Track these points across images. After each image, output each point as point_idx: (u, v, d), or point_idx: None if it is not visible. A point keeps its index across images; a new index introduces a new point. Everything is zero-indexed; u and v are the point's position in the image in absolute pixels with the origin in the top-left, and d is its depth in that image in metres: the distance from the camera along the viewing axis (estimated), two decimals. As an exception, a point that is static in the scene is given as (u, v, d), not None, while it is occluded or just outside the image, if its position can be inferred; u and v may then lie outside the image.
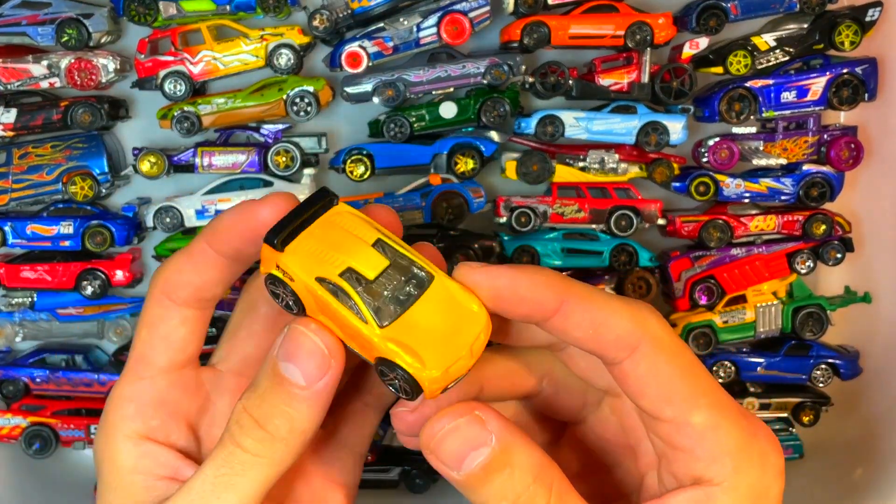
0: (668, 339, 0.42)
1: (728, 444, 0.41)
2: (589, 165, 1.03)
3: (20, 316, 1.05)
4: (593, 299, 0.41)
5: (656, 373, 0.41)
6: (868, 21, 0.98)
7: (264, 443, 0.42)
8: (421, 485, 1.02)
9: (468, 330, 0.41)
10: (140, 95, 1.04)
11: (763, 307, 1.04)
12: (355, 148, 1.01)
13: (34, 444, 1.03)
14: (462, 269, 0.42)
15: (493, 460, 0.40)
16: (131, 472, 0.46)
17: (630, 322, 0.41)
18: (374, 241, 0.42)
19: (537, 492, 0.40)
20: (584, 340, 0.41)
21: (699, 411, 0.41)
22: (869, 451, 0.99)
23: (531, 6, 0.98)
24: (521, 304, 0.41)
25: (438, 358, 0.40)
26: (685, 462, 0.42)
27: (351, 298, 0.40)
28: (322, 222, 0.42)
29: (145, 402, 0.47)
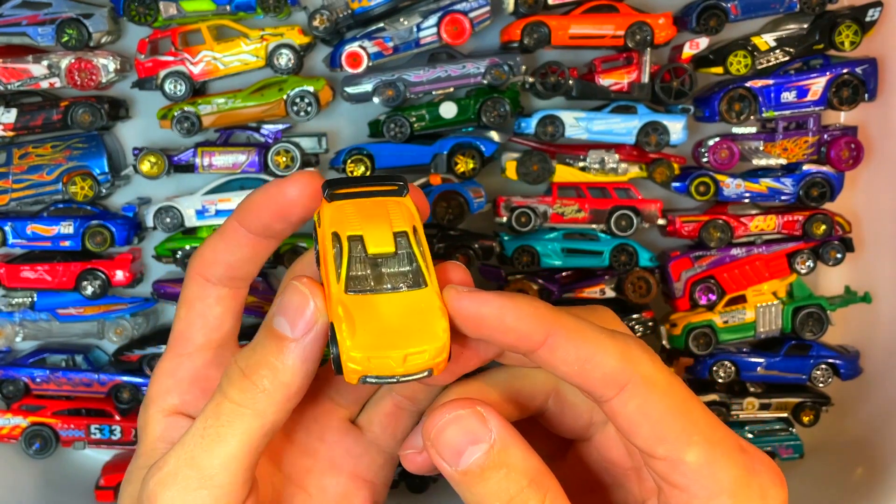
0: (658, 376, 0.41)
1: (725, 481, 0.40)
2: (589, 165, 1.03)
3: (20, 316, 1.05)
4: (581, 334, 0.40)
5: (646, 411, 0.40)
6: (868, 21, 0.98)
7: (248, 392, 0.42)
8: (421, 485, 1.02)
9: (418, 342, 0.40)
10: (140, 95, 1.04)
11: (763, 307, 1.04)
12: (355, 148, 1.01)
13: (34, 444, 1.03)
14: (450, 292, 0.41)
15: (490, 458, 0.39)
16: (158, 440, 0.49)
17: (618, 360, 0.40)
18: (399, 231, 0.42)
19: (531, 496, 0.40)
20: (570, 375, 0.40)
21: (693, 449, 0.40)
22: (869, 451, 0.99)
23: (531, 6, 0.98)
24: (506, 334, 0.40)
25: (370, 344, 0.39)
26: (682, 499, 0.41)
27: (341, 257, 0.41)
28: (375, 199, 0.43)
29: (182, 377, 0.49)
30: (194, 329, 0.49)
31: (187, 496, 0.42)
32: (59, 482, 1.04)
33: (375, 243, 0.42)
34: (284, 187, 0.45)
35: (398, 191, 0.44)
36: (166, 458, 0.44)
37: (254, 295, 1.04)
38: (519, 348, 0.41)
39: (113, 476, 1.00)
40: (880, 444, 0.98)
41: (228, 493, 0.43)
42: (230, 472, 0.43)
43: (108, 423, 1.04)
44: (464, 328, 0.42)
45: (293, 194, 0.45)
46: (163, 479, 0.43)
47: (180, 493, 0.43)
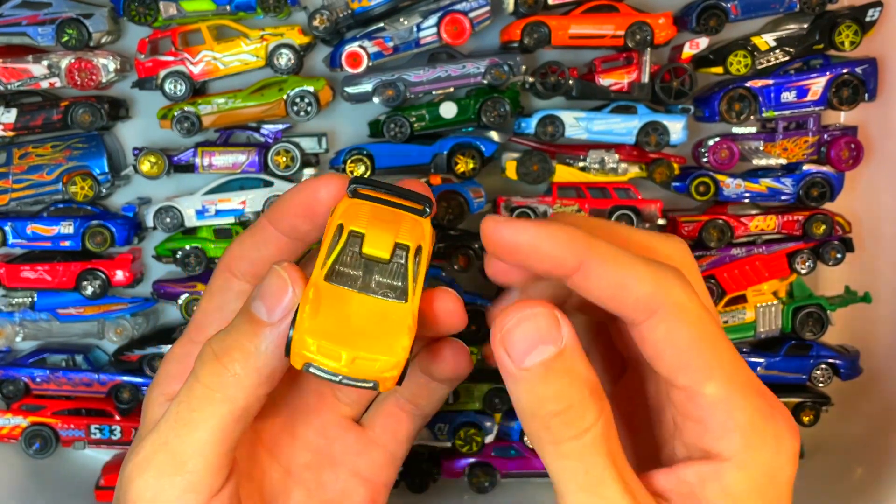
0: (690, 305, 0.41)
1: (740, 419, 0.40)
2: (589, 165, 1.03)
3: (20, 316, 1.05)
4: (615, 260, 0.41)
5: (673, 339, 0.40)
6: (868, 21, 0.98)
7: (218, 376, 0.42)
8: (421, 485, 1.02)
9: (372, 349, 0.40)
10: (140, 95, 1.04)
11: (763, 307, 1.04)
12: (355, 148, 1.01)
13: (34, 444, 1.03)
14: (488, 221, 0.42)
15: (558, 361, 0.39)
16: (153, 423, 0.48)
17: (652, 286, 0.40)
18: (402, 244, 0.42)
19: (590, 406, 0.39)
20: (604, 300, 0.41)
21: (713, 382, 0.40)
22: (869, 451, 0.99)
23: (531, 6, 0.98)
24: (542, 260, 0.41)
25: (325, 332, 0.39)
26: (696, 433, 0.41)
27: (335, 247, 0.41)
28: (395, 210, 0.43)
29: (189, 364, 0.49)
30: (211, 319, 0.49)
31: (160, 482, 0.42)
32: (59, 482, 1.04)
33: (373, 245, 0.42)
34: (315, 187, 0.45)
35: (420, 211, 0.44)
36: (143, 442, 0.44)
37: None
38: (554, 273, 0.41)
39: (113, 476, 1.00)
40: (880, 444, 0.98)
41: (202, 480, 0.43)
42: (203, 458, 0.42)
43: (108, 423, 1.04)
44: (501, 256, 0.42)
45: (323, 195, 0.45)
46: (138, 464, 0.43)
47: (154, 478, 0.43)
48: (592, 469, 0.39)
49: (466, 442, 1.02)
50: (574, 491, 0.39)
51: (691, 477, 0.41)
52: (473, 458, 1.03)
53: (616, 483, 0.39)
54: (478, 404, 1.02)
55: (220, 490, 0.44)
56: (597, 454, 0.39)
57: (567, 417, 0.39)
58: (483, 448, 1.03)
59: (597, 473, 0.39)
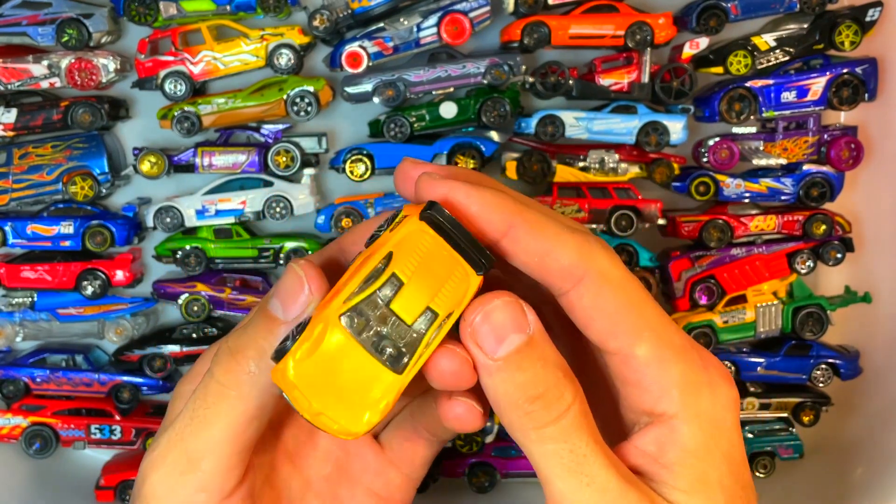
0: (613, 272, 0.42)
1: (674, 375, 0.41)
2: (589, 165, 1.03)
3: (20, 316, 1.05)
4: (542, 227, 0.41)
5: (600, 305, 0.41)
6: (868, 21, 0.98)
7: (232, 374, 0.42)
8: (421, 485, 1.02)
9: (338, 413, 0.39)
10: (140, 95, 1.04)
11: (763, 307, 1.04)
12: (355, 148, 1.01)
13: (34, 444, 1.03)
14: (423, 178, 0.42)
15: (529, 348, 0.40)
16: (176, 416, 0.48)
17: (576, 253, 0.41)
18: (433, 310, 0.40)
19: (566, 387, 0.40)
20: (531, 267, 0.42)
21: (643, 344, 0.41)
22: (869, 451, 0.99)
23: (531, 6, 0.98)
24: (473, 221, 0.41)
25: (306, 377, 0.39)
26: (636, 396, 0.42)
27: (371, 283, 0.40)
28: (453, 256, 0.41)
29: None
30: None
31: (174, 479, 0.42)
32: (59, 482, 1.04)
33: (405, 304, 0.40)
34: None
35: (476, 267, 0.41)
36: (159, 439, 0.44)
37: (252, 295, 1.04)
38: (485, 236, 0.42)
39: (113, 476, 1.00)
40: (880, 444, 0.98)
41: (214, 479, 0.43)
42: (216, 457, 0.42)
43: (108, 423, 1.04)
44: None
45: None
46: (153, 461, 0.43)
47: (167, 475, 0.43)
48: (577, 448, 0.40)
49: (466, 442, 1.02)
50: (560, 474, 0.40)
51: (649, 445, 0.42)
52: (473, 458, 1.03)
53: (600, 458, 0.40)
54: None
55: (233, 492, 0.44)
56: (579, 432, 0.40)
57: (546, 401, 0.40)
58: (483, 448, 1.03)
59: (581, 451, 0.40)
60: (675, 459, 0.41)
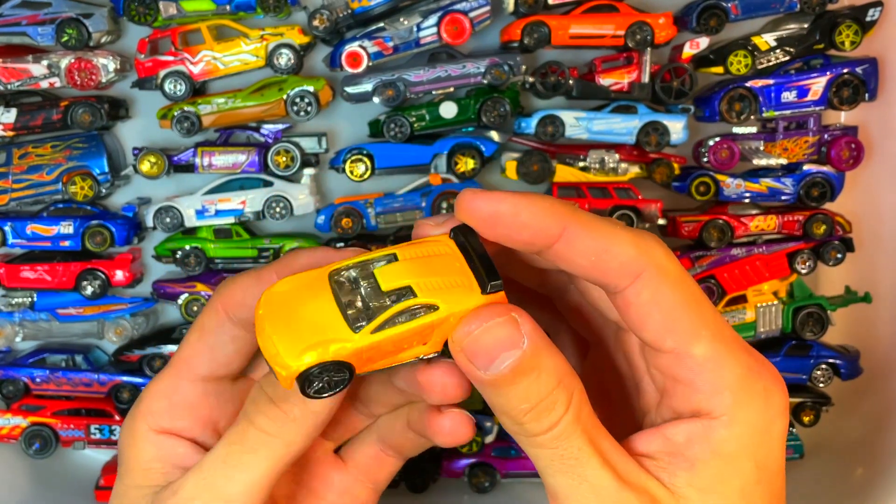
0: (672, 267, 0.41)
1: (729, 377, 0.40)
2: (589, 165, 1.03)
3: (20, 316, 1.04)
4: (596, 226, 0.41)
5: (659, 301, 0.40)
6: (868, 21, 0.98)
7: (278, 421, 0.42)
8: (421, 485, 1.02)
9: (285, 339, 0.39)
10: (140, 95, 1.03)
11: (763, 307, 1.04)
12: (355, 148, 1.01)
13: (34, 444, 1.03)
14: (465, 194, 0.41)
15: (522, 362, 0.39)
16: (151, 459, 0.47)
17: (634, 249, 0.40)
18: (413, 291, 0.40)
19: (559, 397, 0.40)
20: (586, 268, 0.41)
21: (701, 343, 0.40)
22: (869, 451, 0.99)
23: (531, 6, 0.98)
24: (523, 230, 0.41)
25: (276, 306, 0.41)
26: (685, 395, 0.41)
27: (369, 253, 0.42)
28: (465, 269, 0.41)
29: (177, 402, 0.48)
30: (201, 360, 0.48)
31: None
32: (59, 482, 1.04)
33: (387, 273, 0.41)
34: (332, 254, 0.45)
35: (483, 286, 0.41)
36: (182, 482, 0.43)
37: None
38: (535, 244, 0.41)
39: (113, 476, 0.99)
40: (880, 444, 0.98)
41: None
42: (250, 498, 0.43)
43: (108, 423, 1.04)
44: (480, 229, 0.41)
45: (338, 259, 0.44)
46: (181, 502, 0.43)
47: None
48: (567, 452, 0.39)
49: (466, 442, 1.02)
50: (553, 474, 0.40)
51: (679, 436, 0.41)
52: (473, 458, 1.03)
53: (593, 459, 0.40)
54: (478, 404, 1.02)
55: None
56: (571, 438, 0.40)
57: (537, 413, 0.39)
58: (483, 448, 1.03)
59: (573, 455, 0.39)
60: (700, 456, 0.40)
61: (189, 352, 0.48)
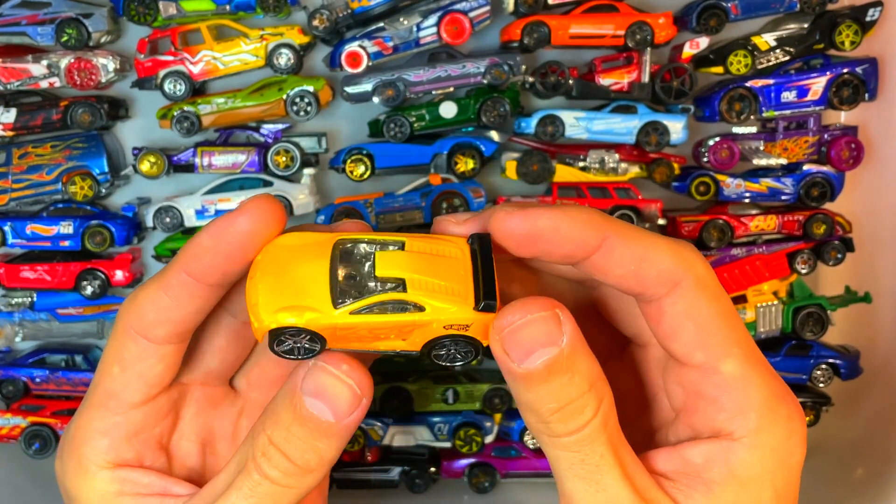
0: (710, 279, 0.40)
1: (756, 398, 0.40)
2: (589, 165, 1.03)
3: (20, 316, 1.04)
4: (635, 235, 0.40)
5: (693, 314, 0.40)
6: (868, 21, 0.98)
7: (294, 476, 0.42)
8: (421, 485, 1.02)
9: (269, 294, 0.39)
10: (140, 95, 1.03)
11: (763, 307, 1.04)
12: (355, 148, 1.01)
13: (34, 444, 1.03)
14: (499, 213, 0.41)
15: (559, 361, 0.38)
16: (117, 495, 0.45)
17: (672, 258, 0.40)
18: (404, 285, 0.40)
19: (589, 401, 0.39)
20: (624, 278, 0.40)
21: (731, 360, 0.40)
22: (869, 451, 0.99)
23: (531, 6, 0.98)
24: (563, 244, 0.40)
25: (273, 259, 0.41)
26: (707, 413, 0.40)
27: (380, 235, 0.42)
28: (466, 275, 0.41)
29: (119, 437, 0.45)
30: (131, 390, 0.45)
31: None
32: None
33: (387, 259, 0.40)
34: (234, 222, 0.40)
35: (477, 302, 0.40)
36: None
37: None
38: (575, 257, 0.40)
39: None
40: (880, 444, 0.98)
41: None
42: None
43: (108, 423, 1.04)
44: (518, 249, 0.41)
45: (244, 226, 0.40)
46: None
47: None
48: (589, 458, 0.39)
49: (466, 442, 1.02)
50: (571, 478, 0.40)
51: (697, 457, 0.40)
52: (473, 458, 1.03)
53: (614, 469, 0.39)
54: (478, 404, 1.02)
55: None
56: (595, 444, 0.39)
57: (565, 414, 0.39)
58: (483, 448, 1.03)
59: (594, 462, 0.39)
60: (719, 479, 0.40)
61: (116, 385, 0.45)
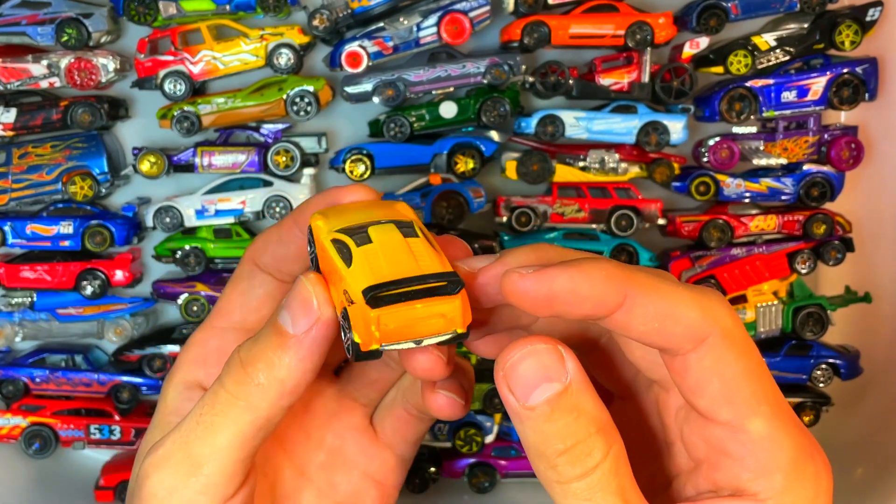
0: (738, 333, 0.39)
1: (782, 458, 0.38)
2: (589, 165, 1.03)
3: (20, 316, 1.04)
4: (658, 289, 0.38)
5: (721, 369, 0.38)
6: (868, 21, 0.98)
7: (242, 384, 0.42)
8: (421, 485, 1.02)
9: None
10: (140, 95, 1.03)
11: (763, 307, 1.04)
12: (355, 148, 1.01)
13: (34, 444, 1.03)
14: (512, 276, 0.39)
15: (563, 398, 0.37)
16: (172, 412, 0.48)
17: (699, 312, 0.38)
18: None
19: (597, 443, 0.37)
20: (648, 334, 0.38)
21: (758, 418, 0.38)
22: (869, 451, 0.99)
23: (531, 6, 0.98)
24: (582, 304, 0.38)
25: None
26: (731, 471, 0.39)
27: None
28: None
29: (210, 349, 0.49)
30: (233, 306, 0.50)
31: (176, 481, 0.42)
32: (58, 482, 1.04)
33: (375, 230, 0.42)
34: (340, 195, 0.46)
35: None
36: (164, 439, 0.44)
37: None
38: (595, 315, 0.38)
39: (112, 476, 1.00)
40: (880, 444, 0.98)
41: (217, 484, 0.43)
42: (220, 462, 0.42)
43: (108, 423, 1.04)
44: (534, 311, 0.39)
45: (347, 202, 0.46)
46: (156, 461, 0.43)
47: (170, 477, 0.43)
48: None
49: (466, 442, 1.02)
50: None
51: None
52: (473, 458, 1.03)
53: None
54: (478, 404, 1.02)
55: (234, 495, 0.44)
56: (605, 493, 0.37)
57: (573, 456, 0.37)
58: (483, 448, 1.03)
59: None
60: None
61: (223, 302, 0.50)
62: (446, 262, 0.41)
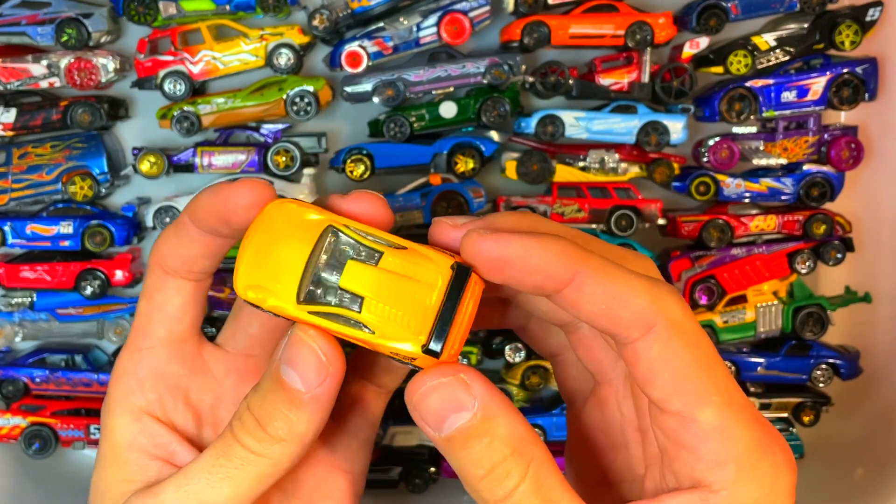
0: (687, 323, 0.39)
1: (735, 450, 0.38)
2: (589, 165, 1.03)
3: (20, 316, 1.04)
4: (610, 272, 0.38)
5: (668, 359, 0.38)
6: (868, 21, 0.98)
7: (264, 443, 0.42)
8: (421, 485, 1.02)
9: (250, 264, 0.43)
10: (140, 95, 1.03)
11: (763, 307, 1.04)
12: (355, 148, 1.01)
13: (34, 444, 1.03)
14: (471, 235, 0.39)
15: (472, 426, 0.38)
16: (127, 448, 0.46)
17: (647, 299, 0.38)
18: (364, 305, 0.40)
19: (513, 466, 0.38)
20: (596, 315, 0.39)
21: (709, 408, 0.38)
22: (869, 451, 0.99)
23: (531, 6, 0.98)
24: (532, 274, 0.38)
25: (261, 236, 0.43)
26: (686, 462, 0.39)
27: (372, 238, 0.41)
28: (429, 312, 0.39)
29: (143, 374, 0.47)
30: (154, 322, 0.48)
31: None
32: (58, 482, 1.04)
33: (356, 271, 0.40)
34: (228, 195, 0.44)
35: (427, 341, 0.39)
36: (163, 486, 0.43)
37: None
38: (544, 289, 0.39)
39: (112, 476, 1.00)
40: (880, 444, 0.98)
41: None
42: None
43: (108, 423, 1.04)
44: (486, 273, 0.40)
45: (235, 203, 0.44)
46: None
47: None
48: None
49: (466, 442, 1.02)
50: None
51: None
52: (473, 458, 1.03)
53: None
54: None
55: None
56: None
57: (491, 480, 0.38)
58: (483, 448, 1.03)
59: None
60: None
61: (141, 320, 0.48)
62: (424, 249, 0.40)
